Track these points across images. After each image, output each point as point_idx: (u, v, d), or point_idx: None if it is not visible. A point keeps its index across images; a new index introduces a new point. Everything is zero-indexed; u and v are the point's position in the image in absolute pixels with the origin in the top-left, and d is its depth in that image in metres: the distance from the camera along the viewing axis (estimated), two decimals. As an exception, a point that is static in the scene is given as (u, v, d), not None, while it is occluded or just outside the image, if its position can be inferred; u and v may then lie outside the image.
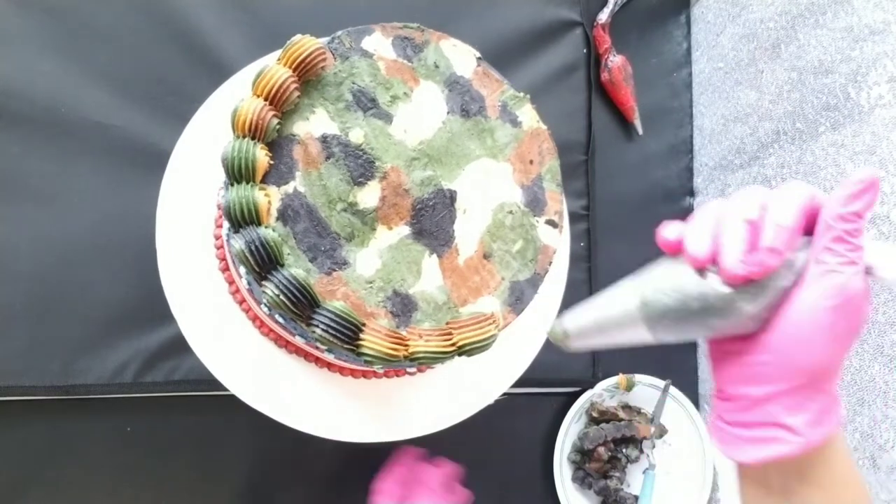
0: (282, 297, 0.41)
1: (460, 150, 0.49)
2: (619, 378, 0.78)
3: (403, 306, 0.46)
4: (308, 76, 0.47)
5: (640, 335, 0.34)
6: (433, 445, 0.58)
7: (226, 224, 0.45)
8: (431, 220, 0.48)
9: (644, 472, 0.78)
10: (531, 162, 0.50)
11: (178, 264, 0.53)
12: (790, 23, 0.69)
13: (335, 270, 0.45)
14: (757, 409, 0.33)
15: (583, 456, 0.77)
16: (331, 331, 0.41)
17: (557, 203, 0.50)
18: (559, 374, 0.78)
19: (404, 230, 0.47)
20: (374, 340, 0.42)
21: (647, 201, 0.84)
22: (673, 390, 0.78)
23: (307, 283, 0.42)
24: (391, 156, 0.48)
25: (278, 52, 0.46)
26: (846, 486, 0.35)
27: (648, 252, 0.36)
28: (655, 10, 0.86)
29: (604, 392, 0.78)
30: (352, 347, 0.42)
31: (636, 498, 0.77)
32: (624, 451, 0.78)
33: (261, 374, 0.53)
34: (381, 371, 0.53)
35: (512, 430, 0.78)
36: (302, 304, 0.41)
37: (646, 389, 0.79)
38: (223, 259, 0.54)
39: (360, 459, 0.62)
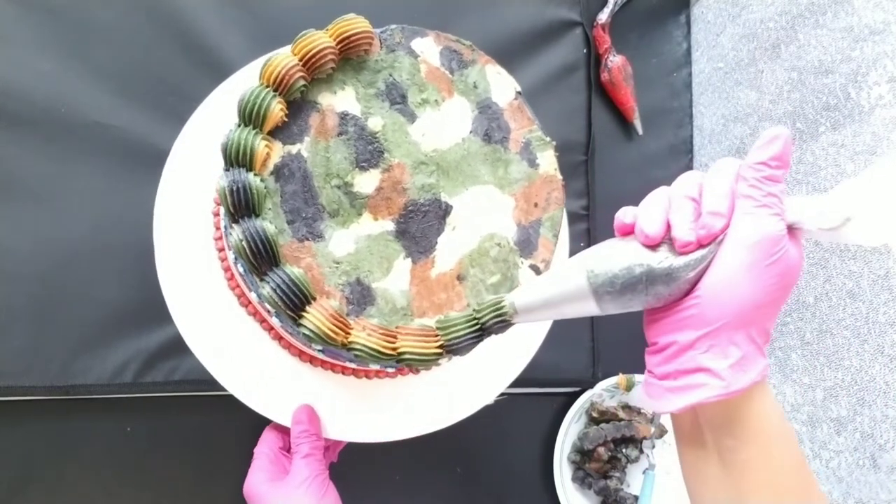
0: (244, 243, 0.41)
1: (470, 170, 0.49)
2: (619, 378, 0.78)
3: (361, 297, 0.45)
4: (349, 54, 0.48)
5: (587, 306, 0.37)
6: (433, 445, 0.58)
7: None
8: (418, 225, 0.48)
9: (644, 472, 0.78)
10: (536, 205, 0.49)
11: (176, 265, 0.53)
12: (790, 23, 0.69)
13: (308, 240, 0.45)
14: (683, 356, 0.35)
15: (583, 456, 0.77)
16: (279, 292, 0.41)
17: (548, 252, 0.49)
18: (559, 374, 0.78)
19: (388, 225, 0.47)
20: (317, 317, 0.42)
21: (647, 201, 0.84)
22: (673, 390, 0.78)
23: (273, 239, 0.42)
24: (402, 153, 0.48)
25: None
26: (777, 441, 0.37)
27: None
28: (655, 10, 0.86)
29: (604, 392, 0.78)
30: (294, 316, 0.42)
31: (636, 498, 0.77)
32: (624, 451, 0.78)
33: (260, 374, 0.53)
34: (321, 350, 0.51)
35: (512, 430, 0.78)
36: (261, 258, 0.42)
37: (646, 389, 0.79)
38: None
39: (359, 459, 0.62)
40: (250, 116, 0.44)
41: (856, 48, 0.61)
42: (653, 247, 0.36)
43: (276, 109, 0.44)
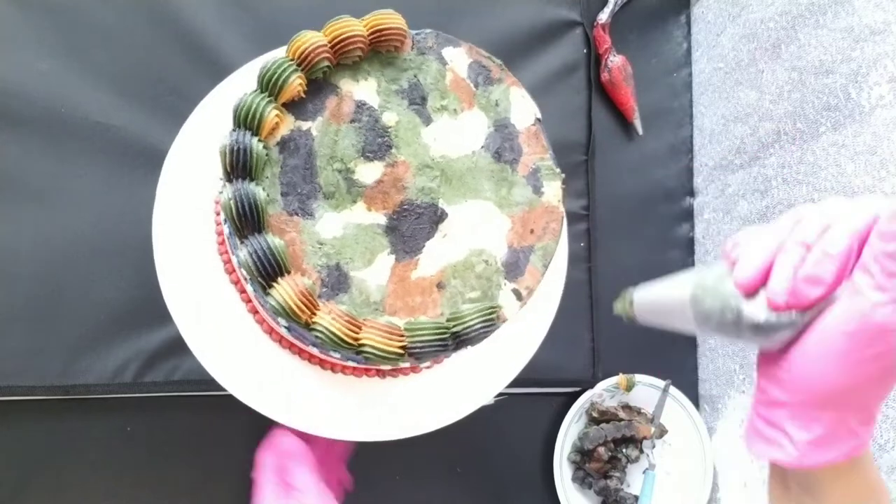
0: (232, 203, 0.42)
1: (474, 183, 0.49)
2: (619, 378, 0.78)
3: (337, 282, 0.46)
4: (379, 47, 0.49)
5: (690, 327, 0.34)
6: (433, 445, 0.58)
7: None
8: (409, 225, 0.48)
9: (644, 472, 0.78)
10: (532, 231, 0.49)
11: (175, 264, 0.53)
12: (790, 23, 0.69)
13: (297, 215, 0.46)
14: (773, 410, 0.33)
15: (583, 456, 0.77)
16: (254, 257, 0.42)
17: (534, 281, 0.48)
18: (559, 374, 0.78)
19: (380, 219, 0.47)
20: (286, 290, 0.42)
21: (647, 201, 0.84)
22: (673, 390, 0.78)
23: (262, 205, 0.43)
24: (409, 152, 0.48)
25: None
26: None
27: (648, 252, 0.37)
28: (655, 10, 0.86)
29: (604, 392, 0.78)
30: (264, 284, 0.42)
31: (636, 498, 0.77)
32: (624, 451, 0.78)
33: (260, 374, 0.53)
34: (287, 327, 0.52)
35: (512, 430, 0.78)
36: (245, 221, 0.43)
37: (646, 389, 0.78)
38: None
39: (358, 458, 0.62)
40: (268, 84, 0.45)
41: (856, 48, 0.60)
42: (749, 294, 0.31)
43: (295, 83, 0.45)
